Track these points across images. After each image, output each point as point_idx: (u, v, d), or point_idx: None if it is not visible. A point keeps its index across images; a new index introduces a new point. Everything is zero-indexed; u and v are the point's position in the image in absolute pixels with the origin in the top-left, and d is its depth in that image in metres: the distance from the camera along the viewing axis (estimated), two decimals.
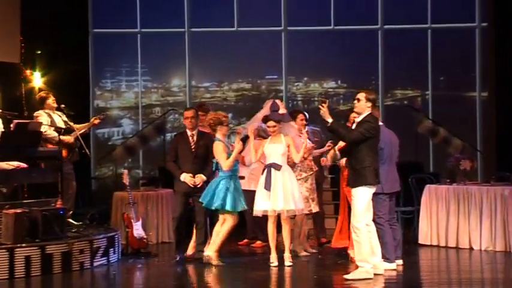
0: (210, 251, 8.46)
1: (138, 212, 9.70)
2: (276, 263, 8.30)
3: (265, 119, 8.57)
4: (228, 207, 8.38)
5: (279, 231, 8.53)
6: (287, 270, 8.19)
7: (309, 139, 8.97)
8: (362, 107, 7.58)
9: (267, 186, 8.28)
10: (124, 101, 14.16)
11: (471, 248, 9.46)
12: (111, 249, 8.81)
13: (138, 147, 12.94)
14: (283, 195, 8.29)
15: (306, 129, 9.24)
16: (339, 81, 14.18)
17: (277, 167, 8.38)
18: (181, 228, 8.62)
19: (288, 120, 8.72)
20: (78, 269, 8.26)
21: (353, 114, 7.99)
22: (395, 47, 13.84)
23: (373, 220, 7.68)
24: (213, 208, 8.43)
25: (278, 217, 8.42)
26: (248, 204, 8.53)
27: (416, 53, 13.90)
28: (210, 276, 8.08)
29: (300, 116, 9.33)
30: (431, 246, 9.76)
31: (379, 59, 13.94)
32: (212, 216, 8.71)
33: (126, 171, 9.80)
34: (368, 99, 7.56)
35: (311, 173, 9.11)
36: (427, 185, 10.02)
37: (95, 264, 8.49)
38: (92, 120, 9.62)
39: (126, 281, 8.29)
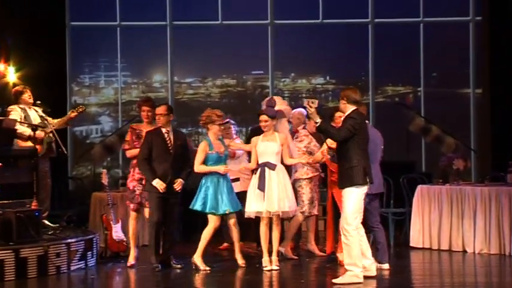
0: (196, 256, 8.48)
1: (117, 213, 9.67)
2: (270, 267, 8.31)
3: (259, 114, 8.55)
4: (207, 209, 8.39)
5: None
6: (274, 274, 8.19)
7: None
8: (346, 106, 7.64)
9: (261, 186, 8.25)
10: (103, 97, 14.10)
11: (464, 251, 9.50)
12: (89, 252, 8.77)
13: (117, 145, 12.86)
14: (278, 196, 8.29)
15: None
16: (328, 77, 14.19)
17: (272, 167, 8.35)
18: (160, 234, 8.49)
19: (280, 117, 8.70)
20: (55, 273, 8.22)
21: (338, 113, 8.06)
22: (386, 41, 13.86)
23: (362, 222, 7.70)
24: (194, 209, 8.47)
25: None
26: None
27: (407, 48, 13.93)
28: (192, 281, 8.06)
29: None
30: (423, 249, 9.79)
31: (369, 54, 13.96)
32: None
33: (104, 170, 9.78)
34: (350, 100, 7.59)
35: (317, 173, 9.12)
36: (419, 186, 10.04)
37: (72, 268, 8.46)
38: (69, 113, 9.52)
39: (105, 285, 8.26)
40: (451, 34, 13.87)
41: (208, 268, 8.41)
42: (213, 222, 8.43)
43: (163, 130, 8.52)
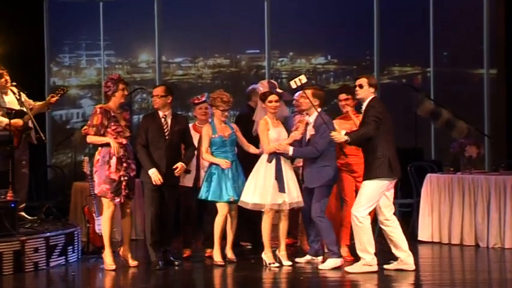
0: (214, 250, 8.59)
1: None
2: (277, 264, 8.38)
3: (265, 95, 8.54)
4: (210, 197, 8.48)
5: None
6: (271, 270, 8.22)
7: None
8: (365, 93, 7.93)
9: (280, 177, 8.28)
10: (84, 79, 14.08)
11: (477, 245, 9.53)
12: (70, 247, 8.78)
13: None
14: (294, 186, 8.42)
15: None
16: (329, 57, 14.17)
17: (287, 155, 8.43)
18: (158, 229, 8.42)
19: (288, 98, 8.79)
20: (32, 270, 8.23)
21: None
22: (393, 16, 13.83)
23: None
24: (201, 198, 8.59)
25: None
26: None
27: (416, 24, 13.91)
28: (183, 279, 8.09)
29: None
30: (432, 243, 9.82)
31: (374, 30, 13.93)
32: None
33: (86, 158, 9.74)
34: (370, 85, 7.92)
35: None
36: (428, 174, 10.06)
37: (52, 264, 8.47)
38: (48, 98, 9.48)
39: (87, 283, 8.27)
40: (463, 8, 13.84)
41: (221, 262, 8.46)
42: (220, 210, 8.51)
43: (161, 114, 8.48)
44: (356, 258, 8.18)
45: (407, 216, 10.46)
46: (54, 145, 13.14)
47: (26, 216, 9.30)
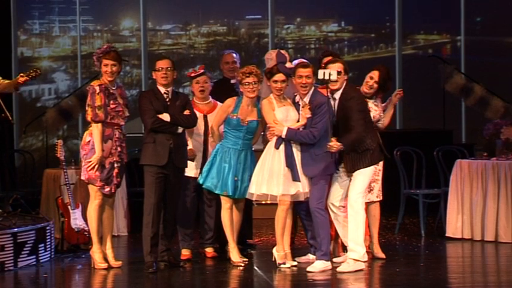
0: (229, 248, 8.61)
1: (76, 195, 9.69)
2: (289, 264, 8.39)
3: (271, 72, 8.52)
4: (205, 183, 8.53)
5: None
6: (274, 272, 8.27)
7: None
8: (342, 81, 8.23)
9: (291, 164, 8.28)
10: (57, 49, 14.09)
11: None
12: (41, 245, 8.81)
13: (76, 109, 12.89)
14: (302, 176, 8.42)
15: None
16: (343, 23, 14.18)
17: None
18: (158, 222, 8.36)
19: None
20: None
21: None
22: None
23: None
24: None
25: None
26: None
27: None
28: (173, 283, 8.12)
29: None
30: (462, 240, 9.84)
31: None
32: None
33: (60, 141, 9.76)
34: (346, 71, 8.29)
35: None
36: (458, 160, 10.07)
37: (20, 264, 8.49)
38: (17, 77, 9.42)
39: (61, 286, 8.30)
40: None
41: (241, 262, 8.49)
42: (224, 202, 8.53)
43: (162, 90, 8.46)
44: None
45: (434, 209, 10.48)
46: (23, 126, 13.16)
47: None
